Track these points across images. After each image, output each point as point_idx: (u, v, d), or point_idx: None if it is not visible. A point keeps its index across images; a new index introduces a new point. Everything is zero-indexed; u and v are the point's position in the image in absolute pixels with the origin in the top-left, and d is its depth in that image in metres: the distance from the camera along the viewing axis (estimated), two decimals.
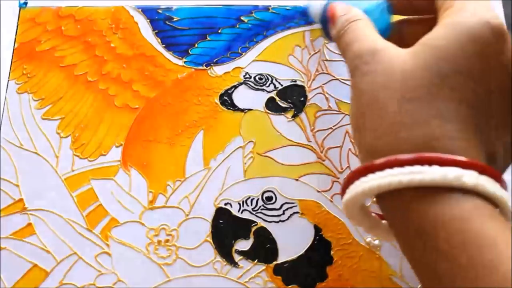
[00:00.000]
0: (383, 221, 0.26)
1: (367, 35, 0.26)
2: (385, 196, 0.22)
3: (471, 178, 0.20)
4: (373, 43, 0.25)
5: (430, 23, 0.28)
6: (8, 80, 0.37)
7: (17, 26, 0.39)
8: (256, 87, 0.37)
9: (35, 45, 0.38)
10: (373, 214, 0.26)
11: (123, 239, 0.33)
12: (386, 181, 0.21)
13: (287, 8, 0.40)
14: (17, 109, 0.36)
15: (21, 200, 0.34)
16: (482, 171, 0.21)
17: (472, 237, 0.20)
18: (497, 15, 0.23)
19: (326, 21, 0.31)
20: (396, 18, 0.31)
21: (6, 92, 0.37)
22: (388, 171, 0.22)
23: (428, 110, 0.22)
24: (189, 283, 0.33)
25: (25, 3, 0.39)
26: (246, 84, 0.37)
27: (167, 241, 0.33)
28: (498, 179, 0.22)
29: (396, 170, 0.21)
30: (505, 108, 0.23)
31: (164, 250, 0.33)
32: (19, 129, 0.36)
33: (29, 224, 0.34)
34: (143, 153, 0.35)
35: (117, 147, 0.36)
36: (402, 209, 0.22)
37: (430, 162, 0.21)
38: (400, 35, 0.30)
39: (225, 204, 0.34)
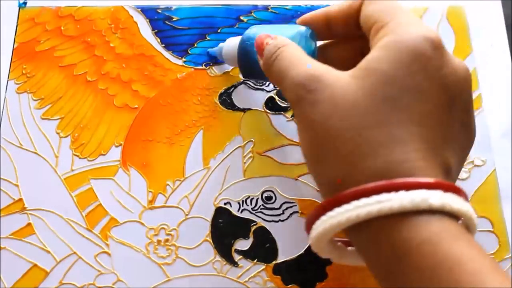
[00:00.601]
0: (349, 248, 0.26)
1: (302, 58, 0.25)
2: (353, 227, 0.22)
3: (437, 199, 0.21)
4: (312, 68, 0.24)
5: (353, 44, 0.28)
6: (8, 80, 0.37)
7: (17, 26, 0.39)
8: (256, 86, 0.37)
9: (34, 45, 0.38)
10: (339, 244, 0.26)
11: (123, 238, 0.33)
12: (354, 214, 0.21)
13: (287, 7, 0.40)
14: (16, 109, 0.36)
15: (20, 200, 0.34)
16: (446, 189, 0.21)
17: (441, 259, 0.20)
18: (431, 28, 0.23)
19: (246, 58, 0.31)
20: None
21: (5, 92, 0.37)
22: (354, 203, 0.21)
23: (383, 136, 0.22)
24: (188, 282, 0.33)
25: (25, 3, 0.39)
26: (245, 83, 0.37)
27: (166, 240, 0.33)
28: (460, 194, 0.22)
29: (363, 200, 0.21)
30: (451, 119, 0.23)
31: (163, 250, 0.33)
32: (19, 129, 0.36)
33: (29, 224, 0.34)
34: (143, 153, 0.35)
35: (116, 147, 0.36)
36: (371, 238, 0.22)
37: (396, 188, 0.21)
38: (325, 59, 0.29)
39: (225, 204, 0.34)
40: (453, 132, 0.23)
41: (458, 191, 0.22)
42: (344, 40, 0.31)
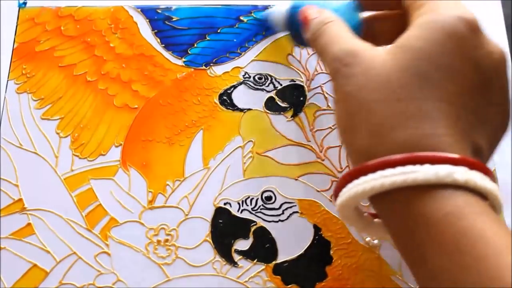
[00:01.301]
0: (376, 220, 0.26)
1: (343, 36, 0.26)
2: (379, 197, 0.23)
3: (462, 174, 0.21)
4: (351, 45, 0.25)
5: (398, 18, 0.29)
6: (8, 80, 0.37)
7: (17, 26, 0.39)
8: (256, 86, 0.37)
9: (34, 45, 0.38)
10: (366, 214, 0.26)
11: (123, 239, 0.33)
12: (379, 183, 0.22)
13: None
14: (16, 109, 0.36)
15: (20, 200, 0.34)
16: (471, 166, 0.21)
17: (464, 233, 0.20)
18: (469, 10, 0.24)
19: (294, 26, 0.31)
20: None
21: (5, 92, 0.37)
22: (380, 173, 0.22)
23: (413, 110, 0.22)
24: (188, 282, 0.33)
25: (25, 3, 0.39)
26: (245, 83, 0.37)
27: (166, 240, 0.33)
28: (487, 173, 0.22)
29: (388, 171, 0.22)
30: (485, 102, 0.23)
31: (163, 250, 0.33)
32: (19, 129, 0.36)
33: (29, 224, 0.34)
34: (143, 153, 0.35)
35: (116, 147, 0.36)
36: (395, 209, 0.22)
37: (421, 161, 0.21)
38: (371, 32, 0.31)
39: (225, 204, 0.34)
40: (486, 115, 0.24)
41: (485, 170, 0.22)
42: (389, 14, 0.31)
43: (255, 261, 0.33)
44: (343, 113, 0.25)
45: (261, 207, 0.34)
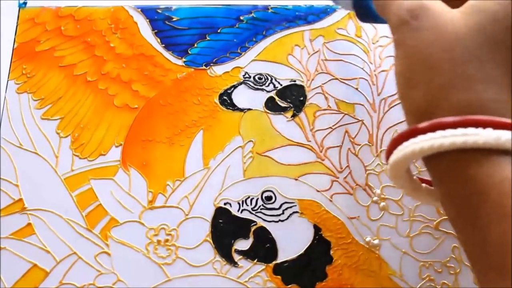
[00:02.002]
0: (424, 185, 0.26)
1: None
2: (434, 158, 0.22)
3: None
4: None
5: None
6: (8, 80, 0.37)
7: (17, 26, 0.39)
8: (256, 86, 0.37)
9: (34, 45, 0.38)
10: (416, 178, 0.26)
11: (123, 239, 0.33)
12: (438, 142, 0.21)
13: (287, 7, 0.40)
14: (16, 109, 0.36)
15: (20, 200, 0.34)
16: None
17: None
18: None
19: None
20: None
21: (5, 92, 0.37)
22: (440, 133, 0.21)
23: (480, 73, 0.22)
24: (188, 282, 0.33)
25: (25, 3, 0.39)
26: (245, 83, 0.37)
27: (166, 240, 0.33)
28: None
29: (448, 131, 0.21)
30: None
31: (163, 250, 0.33)
32: (19, 129, 0.36)
33: (29, 224, 0.34)
34: (143, 153, 0.35)
35: (116, 147, 0.36)
36: (451, 171, 0.22)
37: (483, 124, 0.21)
38: None
39: (225, 204, 0.34)
40: None
41: None
42: None
43: (255, 261, 0.33)
44: (405, 67, 0.24)
45: (261, 207, 0.34)
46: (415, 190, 0.26)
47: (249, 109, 0.37)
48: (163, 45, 0.39)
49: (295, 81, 0.38)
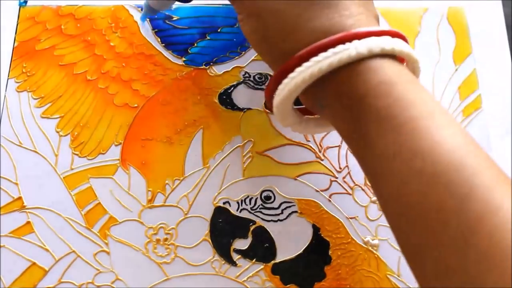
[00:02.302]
0: (306, 116, 0.28)
1: None
2: (315, 86, 0.24)
3: (388, 43, 0.23)
4: None
5: None
6: (8, 79, 0.37)
7: (17, 25, 0.39)
8: (256, 86, 0.37)
9: (34, 43, 0.38)
10: (295, 110, 0.27)
11: (122, 237, 0.33)
12: (316, 69, 0.23)
13: None
14: (16, 108, 0.37)
15: (20, 198, 0.34)
16: (393, 35, 0.23)
17: (397, 99, 0.21)
18: None
19: None
20: None
21: (5, 90, 0.37)
22: (314, 59, 0.23)
23: (326, 3, 0.23)
24: (187, 282, 0.33)
25: (25, 2, 0.39)
26: (245, 83, 0.37)
27: (165, 239, 0.34)
28: (404, 39, 0.24)
29: (321, 55, 0.23)
30: None
31: (162, 249, 0.33)
32: (19, 127, 0.36)
33: (28, 223, 0.34)
34: (142, 152, 0.36)
35: (116, 145, 0.36)
36: (333, 90, 0.23)
37: (349, 39, 0.22)
38: None
39: (224, 203, 0.34)
40: None
41: (402, 37, 0.24)
42: None
43: (254, 260, 0.33)
44: (255, 25, 0.25)
45: (260, 206, 0.34)
46: (301, 123, 0.28)
47: (249, 109, 0.37)
48: (163, 44, 0.39)
49: None
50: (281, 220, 0.34)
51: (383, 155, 0.21)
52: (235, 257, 0.33)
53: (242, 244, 0.34)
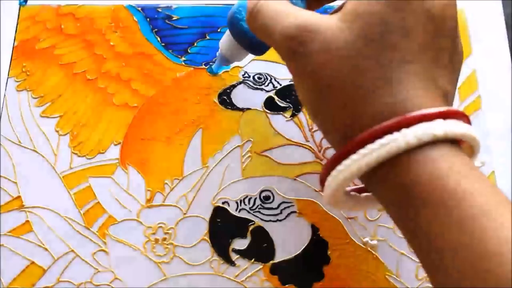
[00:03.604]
0: (363, 195, 0.26)
1: (286, 10, 0.24)
2: (365, 175, 0.22)
3: (439, 127, 0.21)
4: (300, 19, 0.23)
5: None
6: (8, 78, 0.37)
7: (17, 24, 0.39)
8: (255, 86, 0.37)
9: (34, 43, 0.38)
10: (353, 193, 0.26)
11: (121, 237, 0.33)
12: (364, 163, 0.21)
13: None
14: (16, 107, 0.37)
15: (19, 197, 0.34)
16: (445, 116, 0.21)
17: (450, 194, 0.20)
18: None
19: (238, 32, 0.30)
20: None
21: (5, 89, 0.37)
22: (361, 152, 0.21)
23: (378, 79, 0.22)
24: (186, 281, 0.33)
25: (25, 1, 0.39)
26: (245, 83, 0.37)
27: (164, 239, 0.34)
28: (459, 116, 0.22)
29: (368, 147, 0.21)
30: (441, 47, 0.23)
31: (161, 249, 0.33)
32: (18, 126, 0.36)
33: (27, 222, 0.34)
34: (142, 152, 0.36)
35: (115, 145, 0.36)
36: (382, 182, 0.22)
37: (396, 127, 0.21)
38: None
39: (223, 203, 0.34)
40: (444, 58, 0.23)
41: (458, 115, 0.22)
42: None
43: (252, 260, 0.33)
44: (309, 95, 0.24)
45: (259, 206, 0.34)
46: (354, 206, 0.26)
47: (248, 109, 0.37)
48: (163, 44, 0.39)
49: None
50: (280, 220, 0.34)
51: (441, 250, 0.20)
52: (234, 257, 0.33)
53: (241, 244, 0.34)
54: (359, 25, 0.22)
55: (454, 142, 0.22)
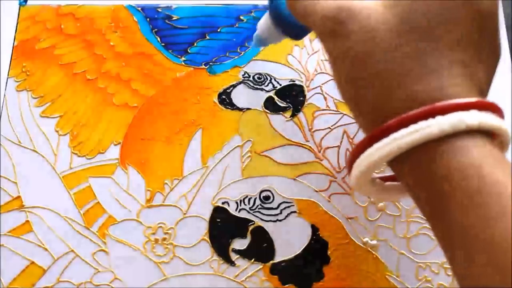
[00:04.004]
0: (387, 183, 0.26)
1: None
2: (395, 160, 0.22)
3: (473, 118, 0.21)
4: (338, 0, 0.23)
5: None
6: (8, 78, 0.37)
7: (17, 24, 0.39)
8: (255, 86, 0.37)
9: (34, 43, 0.38)
10: (378, 180, 0.26)
11: (120, 237, 0.33)
12: (396, 146, 0.21)
13: None
14: (16, 107, 0.37)
15: (19, 197, 0.34)
16: (481, 107, 0.21)
17: (481, 187, 0.20)
18: None
19: (277, 15, 0.30)
20: None
21: (5, 89, 0.37)
22: (393, 136, 0.21)
23: (417, 65, 0.22)
24: (185, 281, 0.33)
25: (25, 1, 0.39)
26: (244, 83, 0.37)
27: (164, 239, 0.34)
28: (495, 110, 0.22)
29: (401, 132, 0.21)
30: (483, 42, 0.23)
31: (161, 249, 0.33)
32: (18, 126, 0.36)
33: (27, 222, 0.34)
34: (141, 152, 0.36)
35: (115, 145, 0.36)
36: (414, 168, 0.22)
37: (432, 114, 0.21)
38: None
39: (223, 203, 0.34)
40: (483, 53, 0.23)
41: (493, 108, 0.22)
42: None
43: (252, 260, 0.33)
44: (345, 75, 0.23)
45: (259, 206, 0.34)
46: (381, 193, 0.26)
47: (248, 109, 0.37)
48: (163, 44, 0.39)
49: (294, 81, 0.38)
50: (280, 220, 0.34)
51: (474, 241, 0.20)
52: (234, 257, 0.33)
53: (240, 244, 0.34)
54: (402, 10, 0.22)
55: (487, 134, 0.21)
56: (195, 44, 0.39)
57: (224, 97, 0.37)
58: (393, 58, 0.22)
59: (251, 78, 0.38)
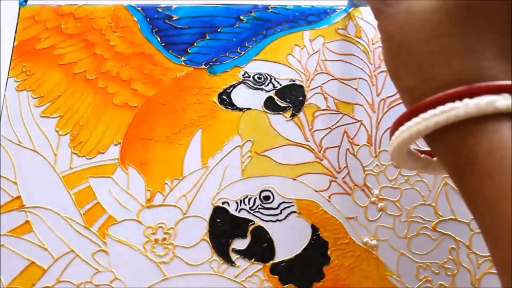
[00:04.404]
0: (423, 156, 0.27)
1: None
2: (429, 137, 0.23)
3: (503, 101, 0.21)
4: None
5: None
6: (8, 78, 0.37)
7: (17, 24, 0.39)
8: (255, 86, 0.37)
9: (34, 43, 0.38)
10: (423, 155, 0.27)
11: (121, 237, 0.33)
12: (423, 126, 0.22)
13: (287, 7, 0.40)
14: (16, 107, 0.37)
15: (19, 197, 0.34)
16: None
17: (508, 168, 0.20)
18: None
19: None
20: None
21: (5, 89, 0.37)
22: (422, 116, 0.22)
23: (456, 45, 0.22)
24: (185, 281, 0.33)
25: (25, 1, 0.39)
26: (245, 83, 0.37)
27: (164, 239, 0.33)
28: None
29: (430, 112, 0.22)
30: None
31: (161, 249, 0.33)
32: (18, 126, 0.36)
33: (27, 222, 0.34)
34: (141, 152, 0.36)
35: (115, 145, 0.36)
36: (444, 147, 0.23)
37: (462, 95, 0.21)
38: None
39: (223, 203, 0.34)
40: None
41: None
42: None
43: (252, 260, 0.33)
44: (387, 53, 0.25)
45: (259, 206, 0.34)
46: (415, 166, 0.27)
47: (248, 109, 0.37)
48: (163, 44, 0.39)
49: (294, 81, 0.38)
50: (280, 220, 0.34)
51: (506, 219, 0.20)
52: (234, 257, 0.33)
53: (240, 244, 0.34)
54: None
55: None
56: (195, 44, 0.39)
57: (224, 97, 0.37)
58: (431, 38, 0.23)
59: (251, 78, 0.38)
